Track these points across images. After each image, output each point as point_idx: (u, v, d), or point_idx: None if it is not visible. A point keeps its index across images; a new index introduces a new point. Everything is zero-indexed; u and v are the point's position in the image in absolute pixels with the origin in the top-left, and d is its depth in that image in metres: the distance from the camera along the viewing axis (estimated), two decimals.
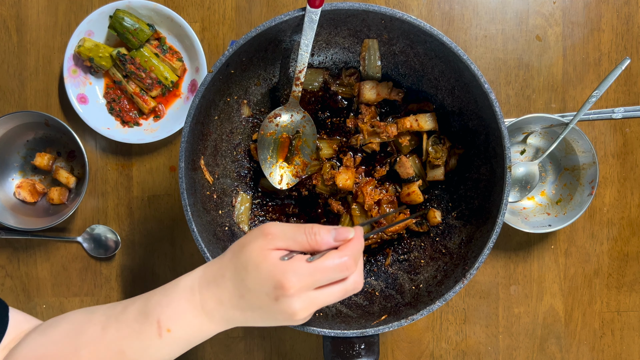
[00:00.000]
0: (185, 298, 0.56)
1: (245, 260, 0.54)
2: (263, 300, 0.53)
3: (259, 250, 0.54)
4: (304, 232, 0.54)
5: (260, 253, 0.53)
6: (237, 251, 0.56)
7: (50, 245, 0.99)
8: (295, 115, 0.83)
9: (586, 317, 0.99)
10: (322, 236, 0.54)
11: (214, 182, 0.82)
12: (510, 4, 0.98)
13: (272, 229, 0.55)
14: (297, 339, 0.99)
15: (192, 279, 0.57)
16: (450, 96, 0.81)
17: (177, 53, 0.98)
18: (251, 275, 0.53)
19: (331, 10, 0.72)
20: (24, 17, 0.99)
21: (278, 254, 0.54)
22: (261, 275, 0.52)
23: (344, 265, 0.53)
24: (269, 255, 0.53)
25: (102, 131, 0.95)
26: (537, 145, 0.98)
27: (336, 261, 0.53)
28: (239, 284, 0.54)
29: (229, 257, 0.56)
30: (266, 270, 0.52)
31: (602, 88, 0.89)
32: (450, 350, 0.99)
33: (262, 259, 0.53)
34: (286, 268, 0.52)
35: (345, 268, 0.53)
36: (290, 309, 0.52)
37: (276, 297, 0.52)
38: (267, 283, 0.52)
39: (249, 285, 0.53)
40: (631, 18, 0.98)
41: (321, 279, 0.53)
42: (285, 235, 0.54)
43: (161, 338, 0.56)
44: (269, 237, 0.54)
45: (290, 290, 0.51)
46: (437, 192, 0.87)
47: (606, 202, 0.99)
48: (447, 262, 0.79)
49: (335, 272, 0.53)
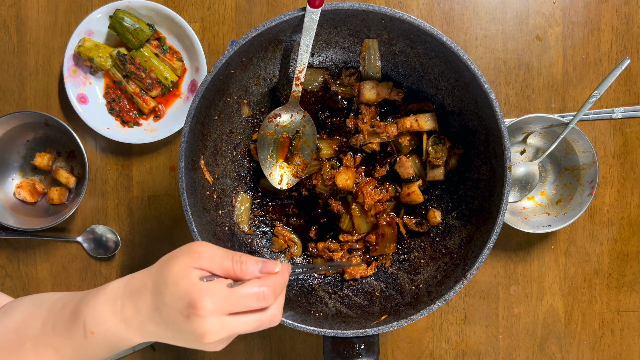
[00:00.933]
0: (108, 303, 0.57)
1: (167, 274, 0.54)
2: (176, 316, 0.53)
3: (181, 266, 0.54)
4: (231, 259, 0.55)
5: (183, 269, 0.54)
6: (163, 263, 0.56)
7: (50, 245, 0.99)
8: (295, 115, 0.83)
9: (586, 317, 0.99)
10: (248, 265, 0.55)
11: (214, 182, 0.82)
12: (510, 4, 0.98)
13: (200, 248, 0.55)
14: (297, 339, 0.99)
15: (118, 285, 0.58)
16: (450, 96, 0.81)
17: (177, 53, 0.98)
18: (169, 289, 0.53)
19: (331, 10, 0.72)
20: (24, 17, 0.99)
21: (200, 273, 0.54)
22: (178, 291, 0.53)
23: (262, 295, 0.54)
24: (190, 274, 0.53)
25: (102, 131, 0.95)
26: (537, 145, 0.98)
27: (255, 289, 0.53)
28: (157, 296, 0.54)
29: (155, 268, 0.57)
30: (183, 287, 0.53)
31: (602, 88, 0.89)
32: (450, 350, 0.99)
33: (183, 276, 0.53)
34: (203, 288, 0.52)
35: (262, 298, 0.54)
36: (199, 330, 0.52)
37: (188, 315, 0.52)
38: (182, 300, 0.52)
39: (166, 299, 0.54)
40: (631, 18, 0.98)
41: (237, 304, 0.53)
42: (213, 257, 0.55)
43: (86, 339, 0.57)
44: (195, 256, 0.55)
45: (201, 310, 0.52)
46: (437, 192, 0.87)
47: (606, 202, 0.99)
48: (447, 262, 0.79)
49: (252, 300, 0.53)
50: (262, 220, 0.88)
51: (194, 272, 0.54)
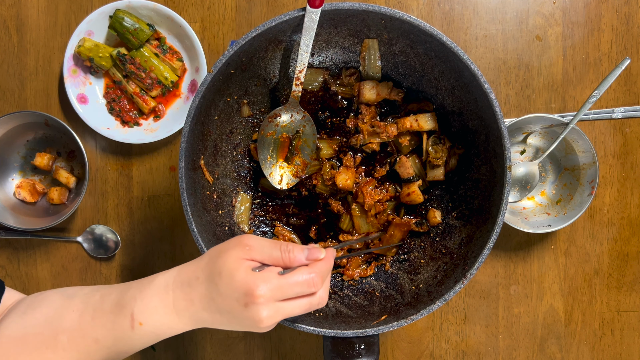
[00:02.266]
0: (158, 295, 0.59)
1: (221, 266, 0.57)
2: (232, 305, 0.56)
3: (235, 258, 0.57)
4: (279, 249, 0.59)
5: (236, 261, 0.57)
6: (214, 256, 0.59)
7: (50, 245, 0.99)
8: (295, 115, 0.83)
9: (586, 317, 0.99)
10: (295, 254, 0.59)
11: (214, 182, 0.82)
12: (510, 4, 0.98)
13: (250, 240, 0.59)
14: (297, 339, 0.99)
15: (167, 278, 0.60)
16: (450, 96, 0.81)
17: (177, 53, 0.98)
18: (224, 280, 0.56)
19: (331, 10, 0.72)
20: (24, 17, 0.99)
21: (252, 264, 0.57)
22: (234, 282, 0.56)
23: (312, 281, 0.57)
24: (243, 265, 0.57)
25: (102, 131, 0.95)
26: (537, 145, 0.98)
27: (305, 277, 0.57)
28: (212, 287, 0.57)
29: (206, 261, 0.59)
30: (239, 278, 0.56)
31: (602, 88, 0.89)
32: (450, 350, 0.99)
33: (237, 267, 0.56)
34: (258, 278, 0.56)
35: (312, 284, 0.57)
36: (257, 316, 0.56)
37: (245, 304, 0.55)
38: (238, 290, 0.55)
39: (221, 289, 0.56)
40: (631, 18, 0.98)
41: (289, 291, 0.57)
42: (262, 249, 0.58)
43: (133, 330, 0.59)
44: (246, 248, 0.58)
45: (259, 299, 0.55)
46: (437, 192, 0.87)
47: (606, 202, 0.99)
48: (447, 262, 0.79)
49: (302, 287, 0.57)
50: (262, 220, 0.88)
51: (246, 263, 0.57)
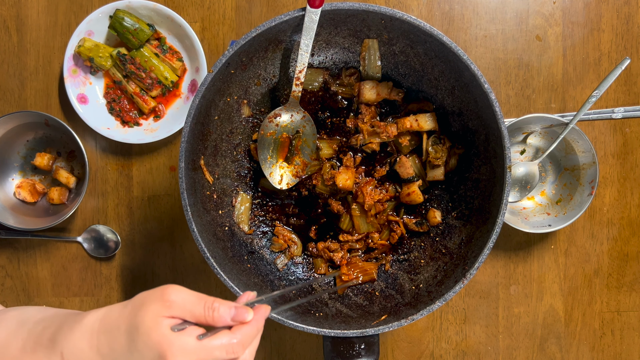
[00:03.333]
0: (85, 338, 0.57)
1: (139, 322, 0.54)
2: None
3: (153, 315, 0.54)
4: (203, 306, 0.55)
5: (154, 319, 0.54)
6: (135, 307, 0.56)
7: (50, 245, 0.99)
8: (295, 115, 0.83)
9: (586, 317, 0.99)
10: (219, 313, 0.55)
11: (214, 182, 0.82)
12: (510, 4, 0.98)
13: (172, 295, 0.55)
14: (297, 339, 0.99)
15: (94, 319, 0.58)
16: (450, 96, 0.81)
17: (177, 53, 0.98)
18: (141, 338, 0.54)
19: (331, 10, 0.72)
20: (24, 17, 0.99)
21: (171, 322, 0.54)
22: (150, 342, 0.53)
23: (230, 347, 0.54)
24: (161, 324, 0.54)
25: (102, 131, 0.95)
26: (537, 145, 0.98)
27: (224, 341, 0.54)
28: (130, 342, 0.55)
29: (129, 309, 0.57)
30: (155, 338, 0.53)
31: (602, 88, 0.89)
32: (450, 350, 0.99)
33: (154, 326, 0.54)
34: (173, 341, 0.53)
35: (231, 350, 0.54)
36: None
37: None
38: (152, 351, 0.53)
39: (138, 346, 0.54)
40: (631, 18, 0.98)
41: (207, 357, 0.53)
42: (184, 305, 0.55)
43: None
44: (166, 304, 0.54)
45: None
46: (437, 192, 0.87)
47: (606, 202, 0.99)
48: (447, 262, 0.79)
49: (221, 353, 0.54)
50: (262, 220, 0.88)
51: (165, 321, 0.54)
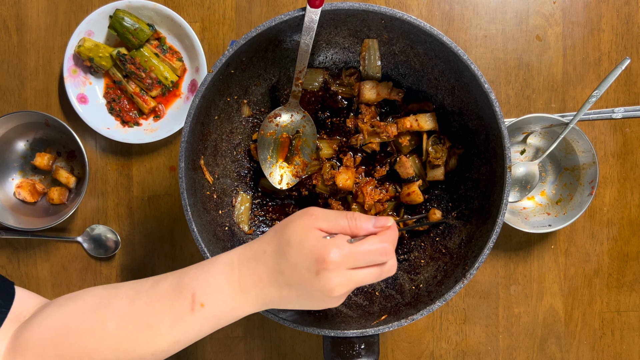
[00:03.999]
0: (223, 273, 0.56)
1: (289, 236, 0.55)
2: (303, 275, 0.54)
3: (303, 227, 0.55)
4: (345, 217, 0.57)
5: (304, 230, 0.55)
6: (280, 229, 0.57)
7: (50, 245, 0.99)
8: (295, 115, 0.83)
9: (586, 317, 0.99)
10: (362, 222, 0.57)
11: (214, 182, 0.82)
12: (510, 4, 0.98)
13: (316, 210, 0.57)
14: (297, 339, 0.99)
15: (231, 256, 0.58)
16: (450, 96, 0.81)
17: (177, 53, 0.98)
18: (294, 249, 0.54)
19: (331, 10, 0.72)
20: (24, 17, 0.99)
21: (321, 233, 0.55)
22: (304, 250, 0.54)
23: (384, 250, 0.56)
24: (312, 232, 0.55)
25: (102, 131, 0.95)
26: (537, 145, 0.98)
27: (377, 245, 0.55)
28: (280, 259, 0.55)
29: (272, 234, 0.57)
30: (309, 245, 0.54)
31: (602, 88, 0.89)
32: (450, 350, 0.99)
33: (306, 235, 0.55)
34: (329, 244, 0.54)
35: (384, 252, 0.56)
36: (329, 284, 0.53)
37: (317, 271, 0.53)
38: (309, 257, 0.54)
39: (291, 259, 0.54)
40: (631, 18, 0.98)
41: (361, 259, 0.55)
42: (329, 217, 0.57)
43: (193, 313, 0.55)
44: (313, 217, 0.56)
45: (331, 265, 0.53)
46: (437, 192, 0.87)
47: (606, 202, 0.99)
48: (447, 262, 0.79)
49: (375, 255, 0.55)
50: (262, 220, 0.88)
51: (316, 231, 0.55)
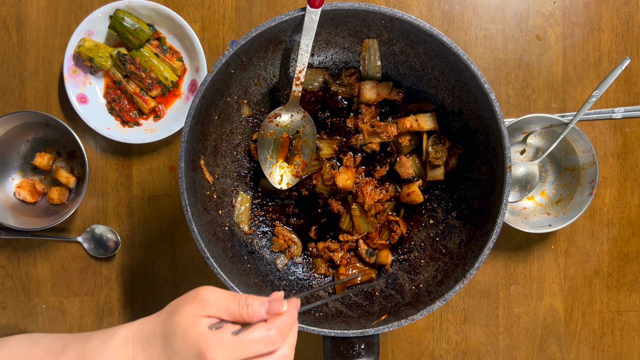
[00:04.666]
0: (118, 349, 0.56)
1: (176, 325, 0.54)
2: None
3: (189, 316, 0.54)
4: (237, 303, 0.55)
5: (191, 319, 0.54)
6: (171, 312, 0.56)
7: (50, 245, 0.99)
8: (295, 115, 0.83)
9: (586, 317, 0.99)
10: (254, 308, 0.55)
11: (214, 182, 0.82)
12: (510, 4, 0.98)
13: (206, 295, 0.55)
14: (297, 339, 0.99)
15: (128, 332, 0.58)
16: (450, 96, 0.81)
17: (177, 53, 0.98)
18: (178, 340, 0.54)
19: (331, 10, 0.72)
20: (24, 17, 0.99)
21: (208, 321, 0.54)
22: (187, 342, 0.53)
23: (269, 339, 0.54)
24: (198, 323, 0.54)
25: (102, 131, 0.95)
26: (537, 145, 0.98)
27: (262, 334, 0.54)
28: (168, 346, 0.55)
29: (163, 317, 0.57)
30: (192, 338, 0.53)
31: (602, 88, 0.89)
32: (450, 350, 0.99)
33: (191, 326, 0.54)
34: (211, 339, 0.53)
35: (270, 341, 0.54)
36: None
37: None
38: (191, 351, 0.53)
39: (176, 349, 0.54)
40: (631, 18, 0.98)
41: (246, 351, 0.53)
42: (219, 304, 0.55)
43: None
44: (201, 304, 0.55)
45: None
46: (437, 192, 0.87)
47: (606, 202, 0.99)
48: (447, 262, 0.79)
49: (260, 345, 0.53)
50: (262, 220, 0.88)
51: (202, 320, 0.54)
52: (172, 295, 0.99)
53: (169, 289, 0.99)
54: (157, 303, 0.99)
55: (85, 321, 0.99)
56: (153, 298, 0.99)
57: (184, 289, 0.99)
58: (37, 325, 0.99)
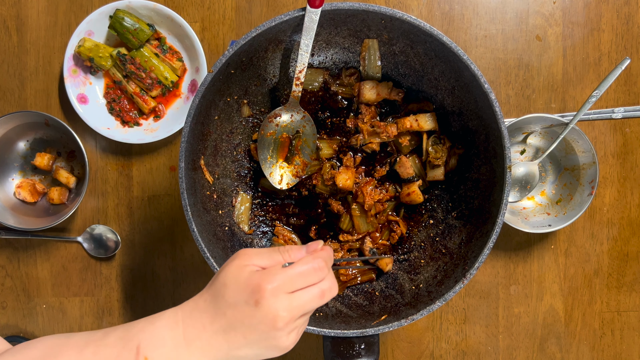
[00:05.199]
0: (168, 326, 0.56)
1: (224, 278, 0.56)
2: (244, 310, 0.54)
3: (236, 267, 0.56)
4: (278, 250, 0.58)
5: (238, 268, 0.56)
6: (216, 275, 0.58)
7: (50, 245, 0.99)
8: (295, 115, 0.83)
9: (586, 317, 0.99)
10: (295, 251, 0.58)
11: (214, 182, 0.82)
12: (510, 4, 0.98)
13: (249, 250, 0.58)
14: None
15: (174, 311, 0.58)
16: (450, 96, 0.81)
17: (177, 53, 0.98)
18: (230, 288, 0.55)
19: (331, 10, 0.72)
20: (24, 17, 0.99)
21: (254, 268, 0.56)
22: (240, 286, 0.54)
23: (317, 267, 0.56)
24: (246, 269, 0.56)
25: (102, 131, 0.95)
26: (537, 145, 0.98)
27: (310, 264, 0.56)
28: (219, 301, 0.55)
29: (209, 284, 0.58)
30: (243, 280, 0.54)
31: (602, 88, 0.89)
32: (450, 350, 0.99)
33: (240, 272, 0.55)
34: (263, 273, 0.55)
35: (318, 269, 0.56)
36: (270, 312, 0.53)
37: (256, 302, 0.53)
38: (245, 290, 0.54)
39: (229, 299, 0.54)
40: (631, 18, 0.98)
41: (297, 281, 0.55)
42: (262, 254, 0.58)
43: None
44: (246, 256, 0.57)
45: (267, 292, 0.53)
46: (437, 192, 0.87)
47: (606, 202, 0.99)
48: (447, 262, 0.79)
49: (309, 274, 0.56)
50: (262, 220, 0.88)
51: (249, 267, 0.56)
52: (172, 295, 0.99)
53: (169, 289, 0.99)
54: (157, 303, 0.99)
55: (85, 321, 0.99)
56: (153, 298, 0.99)
57: (184, 289, 0.99)
58: (37, 325, 0.99)
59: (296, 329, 0.56)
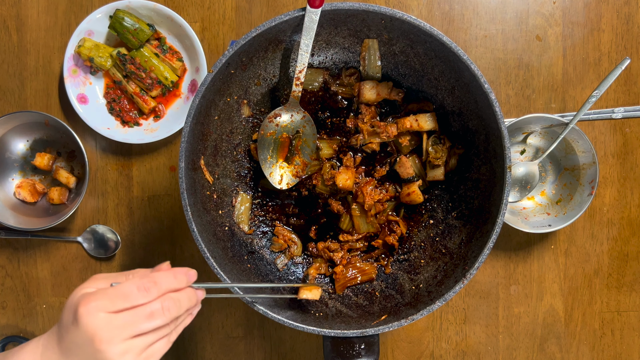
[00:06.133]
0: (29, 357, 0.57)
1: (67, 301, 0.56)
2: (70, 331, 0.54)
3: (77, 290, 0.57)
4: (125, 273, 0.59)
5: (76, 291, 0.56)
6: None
7: (50, 245, 0.99)
8: (295, 115, 0.83)
9: (586, 317, 0.99)
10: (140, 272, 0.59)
11: (214, 182, 0.82)
12: (510, 4, 0.98)
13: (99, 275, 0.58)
14: (297, 339, 0.99)
15: (39, 339, 0.59)
16: (450, 96, 0.81)
17: (177, 53, 0.98)
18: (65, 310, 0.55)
19: (331, 10, 0.72)
20: (24, 17, 0.99)
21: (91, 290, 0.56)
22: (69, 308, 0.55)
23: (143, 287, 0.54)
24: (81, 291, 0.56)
25: (102, 131, 0.95)
26: (537, 145, 0.98)
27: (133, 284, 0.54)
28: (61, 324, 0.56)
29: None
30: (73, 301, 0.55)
31: (602, 88, 0.89)
32: (450, 350, 0.99)
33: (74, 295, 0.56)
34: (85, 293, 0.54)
35: (143, 289, 0.54)
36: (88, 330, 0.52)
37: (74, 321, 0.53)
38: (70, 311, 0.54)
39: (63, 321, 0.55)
40: (631, 18, 0.98)
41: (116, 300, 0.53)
42: (107, 277, 0.58)
43: None
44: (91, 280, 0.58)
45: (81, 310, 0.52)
46: (437, 192, 0.87)
47: (606, 202, 0.99)
48: (447, 262, 0.79)
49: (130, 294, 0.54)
50: (262, 220, 0.88)
51: (85, 289, 0.56)
52: None
53: None
54: None
55: None
56: None
57: None
58: (37, 325, 0.99)
59: (133, 352, 0.53)
